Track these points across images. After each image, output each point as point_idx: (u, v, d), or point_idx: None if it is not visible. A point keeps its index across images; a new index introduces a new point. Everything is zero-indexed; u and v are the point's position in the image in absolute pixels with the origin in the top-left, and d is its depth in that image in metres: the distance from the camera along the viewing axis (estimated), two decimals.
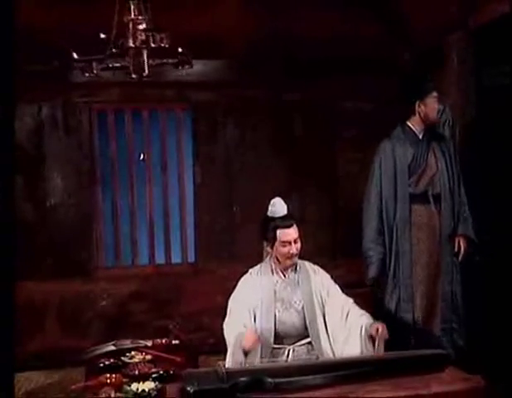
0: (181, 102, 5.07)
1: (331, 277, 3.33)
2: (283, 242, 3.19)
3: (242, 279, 3.30)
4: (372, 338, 2.95)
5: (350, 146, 5.18)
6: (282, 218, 3.22)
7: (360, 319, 3.07)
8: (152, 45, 3.08)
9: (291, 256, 3.22)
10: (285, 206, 3.26)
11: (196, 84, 4.84)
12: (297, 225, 3.24)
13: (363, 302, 3.28)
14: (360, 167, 5.16)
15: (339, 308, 3.16)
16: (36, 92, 4.65)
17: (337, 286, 3.29)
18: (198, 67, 4.77)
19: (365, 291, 4.22)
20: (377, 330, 2.92)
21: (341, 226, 5.17)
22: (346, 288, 3.33)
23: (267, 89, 5.04)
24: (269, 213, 3.27)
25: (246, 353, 2.98)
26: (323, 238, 5.07)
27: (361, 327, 3.00)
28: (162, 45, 3.08)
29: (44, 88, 4.65)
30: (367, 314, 3.11)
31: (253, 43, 4.73)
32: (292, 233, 3.20)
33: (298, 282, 3.26)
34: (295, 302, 3.22)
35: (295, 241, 3.21)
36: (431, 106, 3.89)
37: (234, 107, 5.09)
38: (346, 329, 3.09)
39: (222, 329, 3.15)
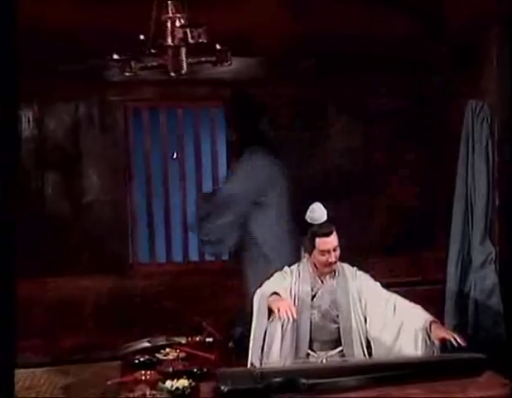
0: (214, 99, 5.08)
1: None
2: (322, 251, 3.10)
3: (284, 269, 3.25)
4: (440, 341, 2.84)
5: (383, 143, 5.13)
6: (322, 225, 3.11)
7: (414, 314, 2.99)
8: (191, 41, 3.05)
9: (329, 264, 3.13)
10: (325, 212, 3.14)
11: (230, 81, 4.84)
12: (336, 231, 3.13)
13: None
14: (392, 164, 5.13)
15: (382, 307, 3.09)
16: (72, 91, 4.73)
17: (378, 283, 3.21)
18: (232, 65, 4.77)
19: (400, 290, 4.20)
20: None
21: (375, 225, 5.13)
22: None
23: (300, 87, 5.01)
24: (308, 219, 3.15)
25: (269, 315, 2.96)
26: (357, 237, 5.03)
27: (420, 326, 2.91)
28: (200, 40, 3.05)
29: (80, 87, 4.72)
30: (418, 306, 3.04)
31: (287, 40, 4.71)
32: (331, 241, 3.10)
33: (336, 289, 3.18)
34: (332, 309, 3.16)
35: (334, 249, 3.11)
36: None
37: (268, 104, 5.07)
38: (396, 326, 3.01)
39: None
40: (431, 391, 2.43)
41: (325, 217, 3.14)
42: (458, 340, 2.78)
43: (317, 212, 3.14)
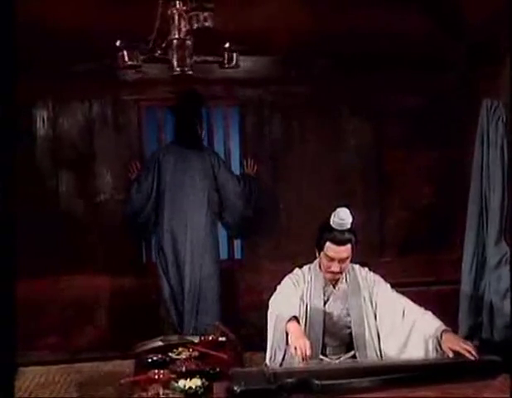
0: (228, 98, 5.09)
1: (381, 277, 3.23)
2: (328, 257, 3.06)
3: (295, 272, 3.22)
4: (453, 352, 2.75)
5: (398, 142, 5.11)
6: (339, 232, 3.03)
7: (425, 321, 2.94)
8: (196, 24, 2.99)
9: (331, 272, 3.09)
10: (349, 220, 3.04)
11: (244, 80, 4.85)
12: (355, 243, 3.06)
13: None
14: (407, 163, 5.11)
15: (391, 311, 3.06)
16: (86, 90, 4.77)
17: (388, 286, 3.18)
18: (245, 64, 4.75)
19: (414, 290, 4.19)
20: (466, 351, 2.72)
21: (390, 224, 5.12)
22: (394, 288, 3.26)
23: (313, 86, 5.01)
24: (331, 221, 3.07)
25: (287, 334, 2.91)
26: (370, 236, 5.03)
27: (430, 334, 2.86)
28: (206, 24, 2.98)
29: (94, 86, 4.75)
30: (429, 313, 2.99)
31: (300, 39, 4.70)
32: (340, 252, 3.04)
33: (348, 295, 3.14)
34: (344, 315, 3.14)
35: (341, 260, 3.05)
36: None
37: (281, 103, 5.07)
38: (404, 331, 2.98)
39: (267, 327, 3.14)
40: (445, 393, 2.42)
41: (347, 225, 3.05)
42: (472, 352, 2.71)
43: (341, 218, 3.04)
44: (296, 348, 2.79)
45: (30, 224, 4.36)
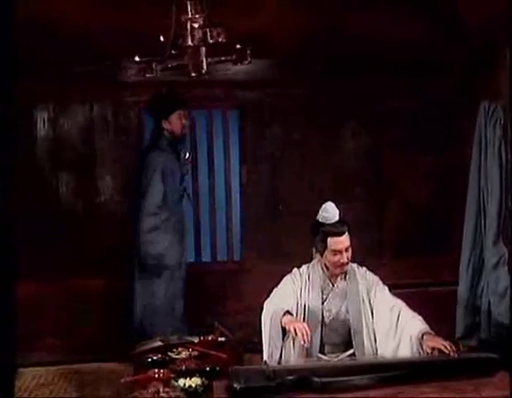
0: (228, 101, 5.11)
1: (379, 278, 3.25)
2: (334, 251, 3.08)
3: (293, 272, 3.24)
4: (431, 350, 2.80)
5: (397, 145, 5.13)
6: (334, 224, 3.09)
7: (412, 324, 2.96)
8: (210, 41, 3.08)
9: (341, 265, 3.11)
10: (337, 211, 3.12)
11: (243, 83, 4.87)
12: (349, 232, 3.11)
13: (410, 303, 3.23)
14: (406, 166, 5.14)
15: (387, 312, 3.08)
16: (87, 92, 4.79)
17: (386, 287, 3.20)
18: (245, 66, 4.80)
19: (412, 291, 4.21)
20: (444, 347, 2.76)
21: (388, 227, 5.14)
22: (393, 290, 3.28)
23: (313, 89, 5.03)
24: (320, 218, 3.13)
25: (284, 332, 2.94)
26: (369, 237, 5.05)
27: (414, 335, 2.89)
28: (220, 40, 3.08)
29: (95, 88, 4.76)
30: (418, 317, 3.01)
31: (299, 42, 4.73)
32: (343, 241, 3.07)
33: (347, 292, 3.16)
34: (342, 313, 3.15)
35: (346, 250, 3.08)
36: (175, 123, 4.38)
37: (281, 106, 5.09)
38: (398, 334, 3.00)
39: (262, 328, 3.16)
40: (444, 390, 2.44)
41: (337, 217, 3.12)
42: (449, 348, 2.74)
43: (330, 212, 3.12)
44: (295, 330, 2.83)
45: (30, 224, 4.36)
